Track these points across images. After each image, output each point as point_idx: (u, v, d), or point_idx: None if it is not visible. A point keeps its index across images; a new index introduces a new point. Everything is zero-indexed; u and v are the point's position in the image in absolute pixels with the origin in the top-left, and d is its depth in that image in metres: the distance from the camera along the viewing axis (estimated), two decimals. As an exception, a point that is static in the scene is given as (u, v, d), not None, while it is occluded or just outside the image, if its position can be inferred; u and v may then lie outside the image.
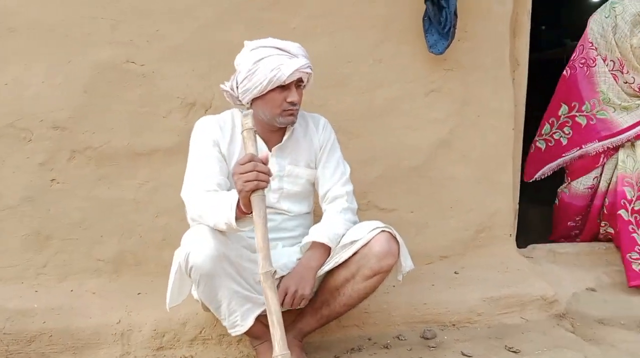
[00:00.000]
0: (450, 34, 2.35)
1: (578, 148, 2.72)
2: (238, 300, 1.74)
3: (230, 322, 1.78)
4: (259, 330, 1.89)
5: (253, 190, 1.54)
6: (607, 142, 2.62)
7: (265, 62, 1.80)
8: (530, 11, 2.75)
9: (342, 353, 2.08)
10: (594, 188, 2.78)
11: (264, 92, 1.82)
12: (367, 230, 1.85)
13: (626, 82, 2.66)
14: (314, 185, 2.06)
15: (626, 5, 2.64)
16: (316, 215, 2.12)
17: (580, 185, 2.80)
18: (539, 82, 3.21)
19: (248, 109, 1.91)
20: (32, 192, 2.22)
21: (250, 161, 1.54)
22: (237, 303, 1.74)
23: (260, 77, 1.80)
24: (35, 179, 2.22)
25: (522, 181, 2.90)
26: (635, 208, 2.61)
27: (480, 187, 2.65)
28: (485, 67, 2.60)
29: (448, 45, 2.38)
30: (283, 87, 1.83)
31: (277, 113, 1.85)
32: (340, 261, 1.87)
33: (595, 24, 2.73)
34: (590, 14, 2.84)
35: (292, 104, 1.84)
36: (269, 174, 1.56)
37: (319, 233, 1.89)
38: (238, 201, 1.60)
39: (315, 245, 1.88)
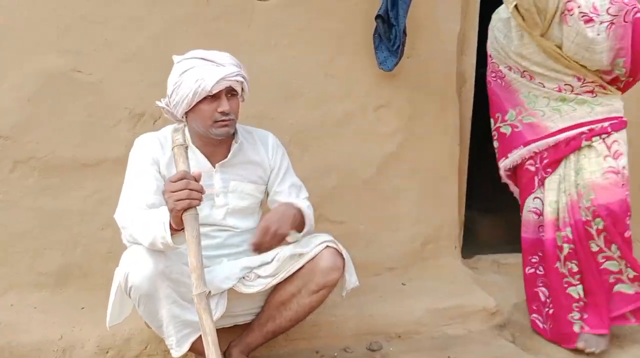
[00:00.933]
0: (400, 52, 2.40)
1: (504, 158, 2.44)
2: (176, 324, 1.73)
3: (169, 344, 1.78)
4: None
5: (185, 209, 1.51)
6: (534, 146, 2.32)
7: (189, 73, 1.78)
8: (478, 29, 2.84)
9: (289, 366, 2.10)
10: (539, 214, 2.38)
11: (193, 104, 1.80)
12: (314, 245, 1.88)
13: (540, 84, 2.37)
14: (261, 200, 2.06)
15: (499, 12, 2.43)
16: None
17: (525, 209, 2.43)
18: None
19: (185, 123, 1.90)
20: (-29, 203, 2.15)
21: (182, 179, 1.51)
22: (175, 328, 1.74)
23: (186, 89, 1.77)
24: (-25, 189, 2.15)
25: (473, 190, 2.98)
26: (565, 252, 2.26)
27: (427, 200, 2.72)
28: (433, 83, 2.67)
29: (397, 63, 2.43)
30: (213, 97, 1.79)
31: (209, 124, 1.82)
32: (288, 275, 1.88)
33: (489, 36, 2.49)
34: None
35: (224, 113, 1.81)
36: (201, 191, 1.53)
37: (294, 201, 1.97)
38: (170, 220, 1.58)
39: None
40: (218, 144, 1.92)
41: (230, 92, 1.83)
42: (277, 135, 2.13)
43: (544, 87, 2.30)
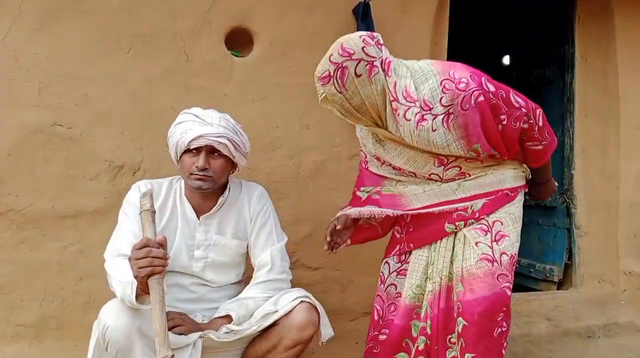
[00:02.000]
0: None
1: (349, 207, 2.16)
2: None
3: None
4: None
5: (148, 276, 1.55)
6: (387, 210, 2.03)
7: (179, 126, 1.92)
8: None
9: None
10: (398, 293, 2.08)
11: (179, 156, 1.94)
12: (288, 301, 1.90)
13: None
14: (245, 255, 2.11)
15: None
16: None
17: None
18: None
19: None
20: (-53, 256, 2.15)
21: (144, 246, 1.56)
22: None
23: (174, 139, 1.93)
24: (-49, 242, 2.15)
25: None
26: (420, 346, 1.96)
27: (401, 246, 2.80)
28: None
29: (370, 116, 2.53)
30: (194, 152, 1.91)
31: (187, 176, 1.93)
32: (261, 328, 1.89)
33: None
34: (503, 78, 3.04)
35: (197, 168, 1.89)
36: (164, 258, 1.57)
37: (224, 306, 1.94)
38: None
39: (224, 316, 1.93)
40: (206, 196, 1.99)
41: (213, 151, 1.92)
42: (255, 185, 2.19)
43: (415, 176, 2.02)
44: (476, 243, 1.89)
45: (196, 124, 1.90)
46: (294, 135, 2.63)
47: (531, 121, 1.87)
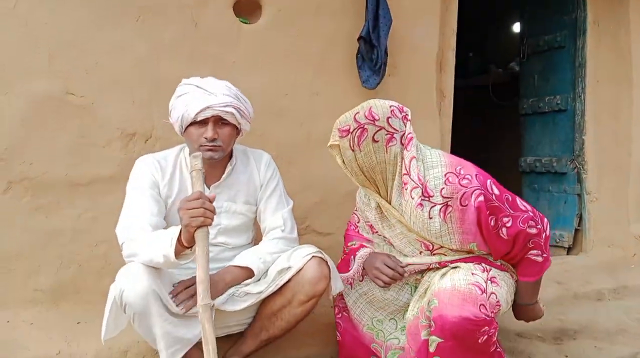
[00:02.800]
0: (382, 71, 2.52)
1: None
2: (167, 341, 1.79)
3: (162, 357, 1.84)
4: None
5: (199, 226, 1.61)
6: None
7: (181, 99, 1.90)
8: (455, 48, 2.97)
9: (281, 375, 2.16)
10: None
11: (184, 128, 1.92)
12: (300, 257, 1.94)
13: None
14: (254, 219, 2.14)
15: None
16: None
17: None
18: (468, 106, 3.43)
19: None
20: (-34, 223, 2.19)
21: (198, 198, 1.62)
22: (165, 344, 1.79)
23: (177, 112, 1.90)
24: (-31, 210, 2.19)
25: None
26: None
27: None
28: (414, 99, 2.76)
29: (380, 81, 2.54)
30: (200, 123, 1.89)
31: (195, 148, 1.91)
32: (277, 288, 1.95)
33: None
34: (512, 43, 3.03)
35: (207, 139, 1.89)
36: (214, 212, 1.64)
37: (242, 257, 1.98)
38: (179, 236, 1.67)
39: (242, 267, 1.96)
40: (214, 165, 2.00)
41: (220, 121, 1.92)
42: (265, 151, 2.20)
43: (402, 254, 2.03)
44: (472, 273, 1.84)
45: (200, 95, 1.88)
46: (303, 102, 2.63)
47: (539, 226, 1.88)
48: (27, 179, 2.24)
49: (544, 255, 1.93)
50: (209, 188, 2.01)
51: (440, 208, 1.83)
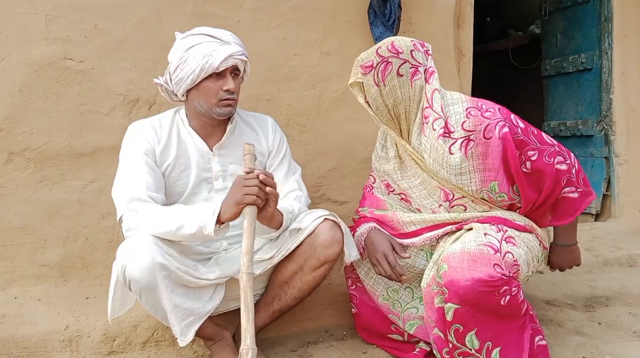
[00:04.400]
0: (395, 26, 2.38)
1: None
2: (177, 313, 1.71)
3: (174, 333, 1.76)
4: (212, 331, 1.88)
5: (249, 204, 1.63)
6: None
7: (196, 49, 1.76)
8: (474, 3, 2.80)
9: (298, 347, 2.08)
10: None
11: (198, 81, 1.78)
12: (312, 219, 1.85)
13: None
14: None
15: None
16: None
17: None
18: (487, 71, 3.29)
19: (183, 101, 1.88)
20: (-32, 197, 2.12)
21: (256, 177, 1.65)
22: (177, 317, 1.72)
23: (192, 64, 1.75)
24: (-30, 183, 2.12)
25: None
26: None
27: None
28: (431, 58, 2.63)
29: (394, 37, 2.39)
30: (218, 75, 1.78)
31: (213, 103, 1.80)
32: (287, 253, 1.86)
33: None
34: (532, 4, 2.89)
35: (229, 91, 1.79)
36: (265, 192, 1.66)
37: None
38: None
39: None
40: (216, 125, 1.90)
41: (234, 72, 1.82)
42: (274, 117, 2.10)
43: (419, 212, 1.93)
44: (485, 234, 1.71)
45: (217, 45, 1.77)
46: (314, 63, 2.50)
47: (568, 162, 1.76)
48: (29, 150, 2.16)
49: (579, 189, 1.80)
50: (212, 151, 1.91)
51: (462, 143, 1.73)
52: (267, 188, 1.68)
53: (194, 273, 1.74)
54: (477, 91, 2.87)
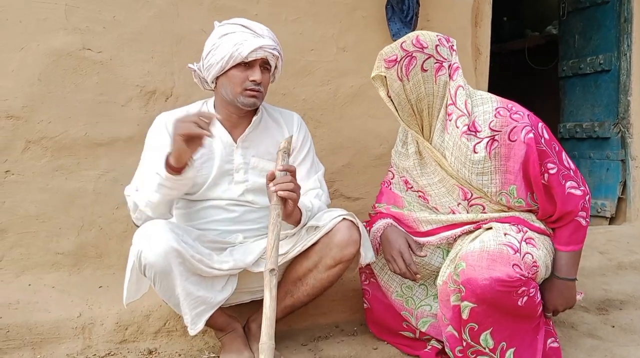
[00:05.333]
0: (413, 23, 2.37)
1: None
2: (190, 302, 1.72)
3: (185, 321, 1.76)
4: (223, 322, 1.88)
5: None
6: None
7: (229, 37, 1.78)
8: (492, 1, 2.78)
9: (309, 341, 2.08)
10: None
11: (226, 69, 1.80)
12: (330, 218, 1.84)
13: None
14: None
15: None
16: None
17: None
18: (503, 72, 3.26)
19: (212, 89, 1.90)
20: (-15, 184, 2.13)
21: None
22: (189, 305, 1.72)
23: (223, 51, 1.77)
24: (-12, 170, 2.13)
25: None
26: None
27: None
28: (448, 55, 2.62)
29: (411, 34, 2.38)
30: (246, 65, 1.80)
31: (238, 92, 1.81)
32: (303, 249, 1.86)
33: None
34: (550, 4, 2.87)
35: (255, 82, 1.80)
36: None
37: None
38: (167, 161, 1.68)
39: None
40: (242, 116, 1.91)
41: (264, 65, 1.83)
42: (289, 112, 2.10)
43: (437, 211, 1.92)
44: (504, 234, 1.69)
45: (249, 35, 1.79)
46: (330, 58, 2.50)
47: (582, 188, 1.74)
48: (46, 138, 2.17)
49: (587, 219, 1.77)
50: (236, 143, 1.91)
51: (487, 143, 1.70)
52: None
53: (208, 263, 1.74)
54: (493, 90, 2.83)
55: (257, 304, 1.96)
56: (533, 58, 4.87)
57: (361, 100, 2.56)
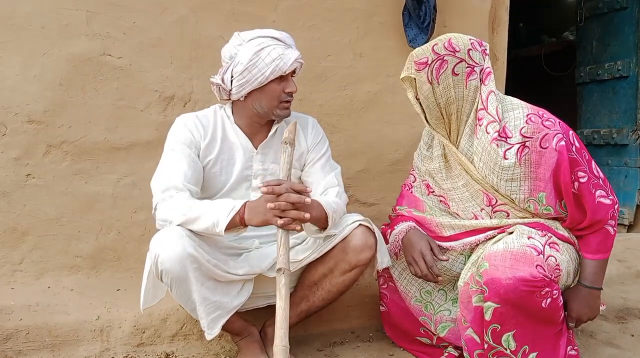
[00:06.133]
0: (430, 29, 2.37)
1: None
2: (206, 307, 1.73)
3: (202, 326, 1.77)
4: (240, 327, 1.89)
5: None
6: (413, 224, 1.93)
7: (266, 51, 1.78)
8: (509, 7, 2.78)
9: (325, 346, 2.08)
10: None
11: (265, 84, 1.80)
12: (347, 224, 1.84)
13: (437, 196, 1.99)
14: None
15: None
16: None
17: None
18: (519, 78, 3.26)
19: (232, 101, 1.89)
20: (6, 187, 2.16)
21: (285, 201, 1.64)
22: (205, 310, 1.73)
23: (262, 67, 1.77)
24: (10, 174, 2.16)
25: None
26: None
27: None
28: (465, 61, 2.61)
29: (427, 40, 2.38)
30: (282, 78, 1.82)
31: (274, 105, 1.84)
32: (319, 255, 1.86)
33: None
34: (567, 10, 2.86)
35: (290, 94, 1.84)
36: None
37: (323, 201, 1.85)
38: (241, 210, 1.67)
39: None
40: (263, 124, 1.92)
41: (292, 74, 1.86)
42: (306, 118, 2.10)
43: (458, 217, 1.91)
44: (528, 238, 1.68)
45: (282, 48, 1.80)
46: (347, 64, 2.51)
47: (611, 197, 1.72)
48: (67, 143, 2.21)
49: (615, 228, 1.75)
50: (256, 149, 1.92)
51: (518, 149, 1.68)
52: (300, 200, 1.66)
53: (224, 267, 1.75)
54: (511, 94, 2.84)
55: (274, 309, 1.96)
56: (549, 63, 4.84)
57: (377, 106, 2.56)
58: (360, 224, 1.84)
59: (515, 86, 3.29)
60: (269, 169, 1.94)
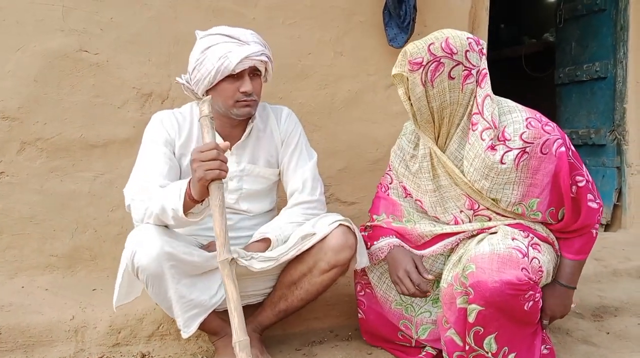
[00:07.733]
0: (410, 28, 2.37)
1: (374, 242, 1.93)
2: (182, 305, 1.71)
3: (178, 324, 1.75)
4: (217, 326, 1.87)
5: (214, 179, 1.50)
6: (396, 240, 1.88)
7: (212, 50, 1.73)
8: (489, 7, 2.79)
9: (303, 345, 2.07)
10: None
11: (215, 83, 1.75)
12: (326, 224, 1.83)
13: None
14: (277, 182, 2.02)
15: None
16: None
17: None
18: (498, 79, 3.26)
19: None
20: (-21, 185, 2.12)
21: (213, 149, 1.50)
22: (181, 308, 1.71)
23: (209, 66, 1.73)
24: (-18, 171, 2.12)
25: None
26: None
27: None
28: (445, 61, 2.62)
29: (408, 39, 2.40)
30: (235, 77, 1.75)
31: (230, 104, 1.78)
32: (298, 253, 1.83)
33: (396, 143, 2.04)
34: (548, 11, 2.88)
35: (246, 94, 1.77)
36: (226, 162, 1.54)
37: (260, 230, 1.87)
38: (187, 189, 1.58)
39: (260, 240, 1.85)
40: (236, 124, 1.89)
41: (254, 72, 1.79)
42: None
43: (437, 220, 1.89)
44: (512, 239, 1.66)
45: (234, 45, 1.73)
46: (327, 62, 2.50)
47: (598, 201, 1.72)
48: (41, 140, 2.17)
49: (595, 231, 1.77)
50: (231, 150, 1.89)
51: (517, 154, 1.64)
52: None
53: (200, 256, 1.73)
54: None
55: (252, 308, 1.96)
56: (529, 64, 4.89)
57: (358, 104, 2.56)
58: (340, 224, 1.83)
59: (495, 86, 3.31)
60: (245, 170, 1.92)
